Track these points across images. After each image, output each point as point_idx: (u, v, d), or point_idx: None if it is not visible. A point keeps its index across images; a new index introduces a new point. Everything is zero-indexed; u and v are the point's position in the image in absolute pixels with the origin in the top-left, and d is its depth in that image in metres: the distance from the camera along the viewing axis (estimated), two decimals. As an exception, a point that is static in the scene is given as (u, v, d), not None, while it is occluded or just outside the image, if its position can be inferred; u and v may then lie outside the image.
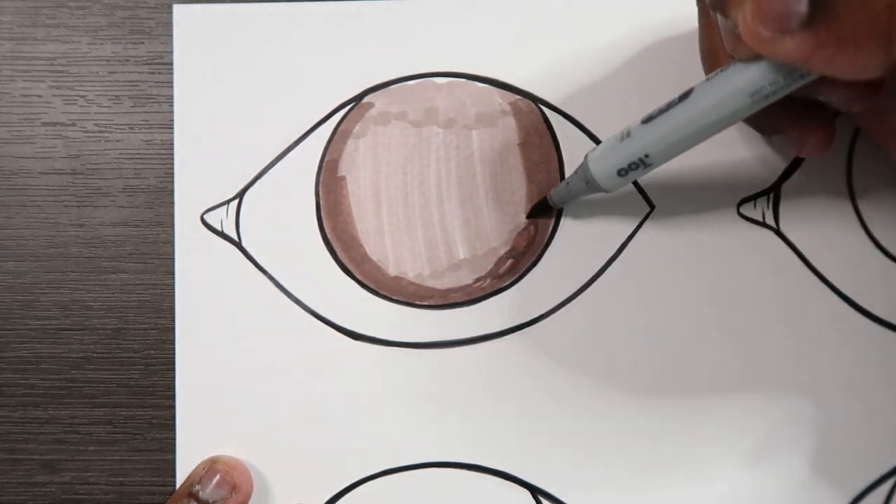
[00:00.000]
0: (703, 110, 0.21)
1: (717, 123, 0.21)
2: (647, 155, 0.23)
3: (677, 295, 0.28)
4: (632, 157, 0.23)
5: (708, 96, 0.21)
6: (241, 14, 0.29)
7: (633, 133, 0.23)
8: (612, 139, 0.24)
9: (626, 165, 0.23)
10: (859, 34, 0.17)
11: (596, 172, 0.24)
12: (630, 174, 0.24)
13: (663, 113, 0.22)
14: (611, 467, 0.28)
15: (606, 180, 0.24)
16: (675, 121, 0.22)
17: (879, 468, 0.28)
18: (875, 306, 0.28)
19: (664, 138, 0.22)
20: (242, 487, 0.27)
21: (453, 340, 0.28)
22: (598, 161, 0.24)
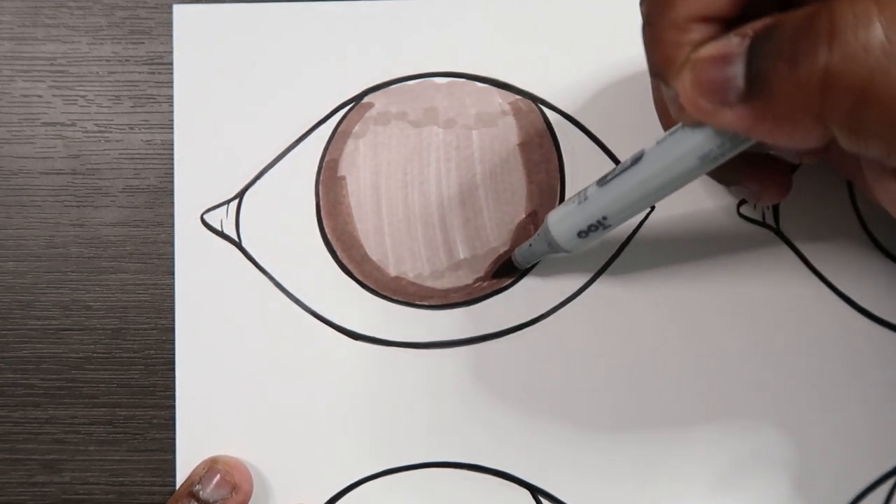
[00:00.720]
0: (654, 174, 0.21)
1: (669, 185, 0.22)
2: (605, 217, 0.23)
3: (677, 295, 0.28)
4: (590, 220, 0.23)
5: (658, 160, 0.21)
6: (241, 14, 0.29)
7: (590, 196, 0.23)
8: (571, 202, 0.24)
9: (586, 227, 0.24)
10: (794, 112, 0.17)
11: (557, 235, 0.24)
12: (591, 235, 0.24)
13: (617, 176, 0.22)
14: (611, 467, 0.28)
15: (567, 242, 0.24)
16: (628, 184, 0.22)
17: (879, 468, 0.28)
18: (875, 306, 0.28)
19: (620, 201, 0.23)
20: (243, 487, 0.27)
21: (453, 340, 0.28)
22: (558, 224, 0.24)
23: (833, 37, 0.16)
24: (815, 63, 0.16)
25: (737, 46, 0.17)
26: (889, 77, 0.15)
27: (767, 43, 0.17)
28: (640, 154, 0.22)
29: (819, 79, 0.16)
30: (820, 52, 0.16)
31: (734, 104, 0.17)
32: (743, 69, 0.17)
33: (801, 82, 0.16)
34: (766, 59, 0.17)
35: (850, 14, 0.15)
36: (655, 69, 0.20)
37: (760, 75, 0.17)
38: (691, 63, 0.18)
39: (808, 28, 0.16)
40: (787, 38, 0.16)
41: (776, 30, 0.17)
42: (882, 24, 0.15)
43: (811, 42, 0.16)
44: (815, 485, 0.28)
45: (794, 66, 0.16)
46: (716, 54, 0.17)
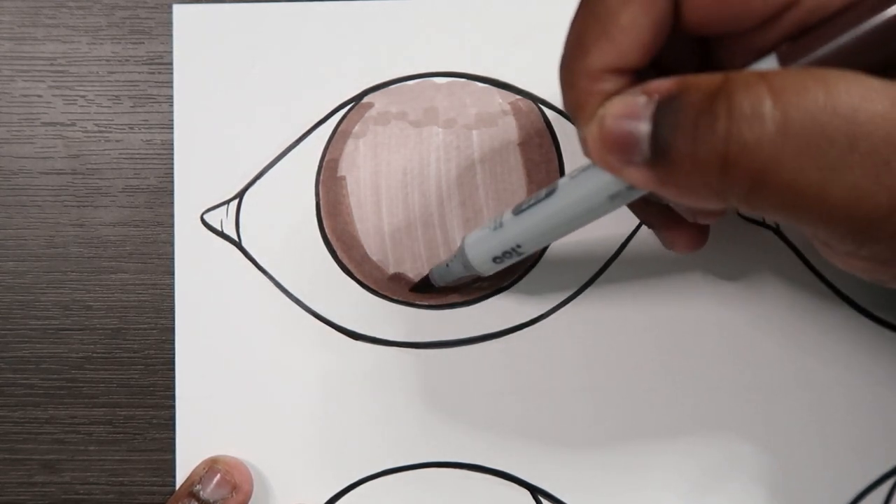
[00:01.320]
0: (566, 208, 0.22)
1: (580, 219, 0.22)
2: (520, 245, 0.24)
3: (677, 295, 0.28)
4: (505, 247, 0.24)
5: (570, 195, 0.22)
6: (241, 14, 0.29)
7: (505, 224, 0.24)
8: (486, 227, 0.25)
9: (501, 254, 0.24)
10: (695, 185, 0.17)
11: (473, 259, 0.25)
12: (505, 261, 0.25)
13: (531, 207, 0.23)
14: (611, 467, 0.28)
15: (482, 266, 0.25)
16: (541, 216, 0.23)
17: (879, 468, 0.28)
18: (875, 306, 0.28)
19: (533, 231, 0.23)
20: (243, 487, 0.27)
21: (453, 340, 0.28)
22: (474, 248, 0.25)
23: (730, 125, 0.16)
24: (714, 147, 0.16)
25: (643, 108, 0.18)
26: (782, 166, 0.16)
27: (670, 114, 0.17)
28: (554, 187, 0.22)
29: (717, 163, 0.17)
30: (717, 139, 0.16)
31: (639, 164, 0.18)
32: (648, 133, 0.17)
33: (700, 162, 0.17)
34: (668, 131, 0.17)
35: (747, 104, 0.16)
36: (568, 111, 0.20)
37: (663, 145, 0.17)
38: (598, 119, 0.19)
39: (707, 111, 0.17)
40: (689, 116, 0.17)
41: (679, 102, 0.17)
42: (775, 118, 0.16)
43: (710, 127, 0.16)
44: (816, 485, 0.28)
45: (694, 145, 0.17)
46: (622, 114, 0.18)
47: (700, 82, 0.17)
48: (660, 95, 0.17)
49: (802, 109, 0.16)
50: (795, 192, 0.16)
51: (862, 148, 0.16)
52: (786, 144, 0.16)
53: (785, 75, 0.16)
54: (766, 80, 0.16)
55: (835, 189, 0.16)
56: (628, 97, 0.18)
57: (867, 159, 0.16)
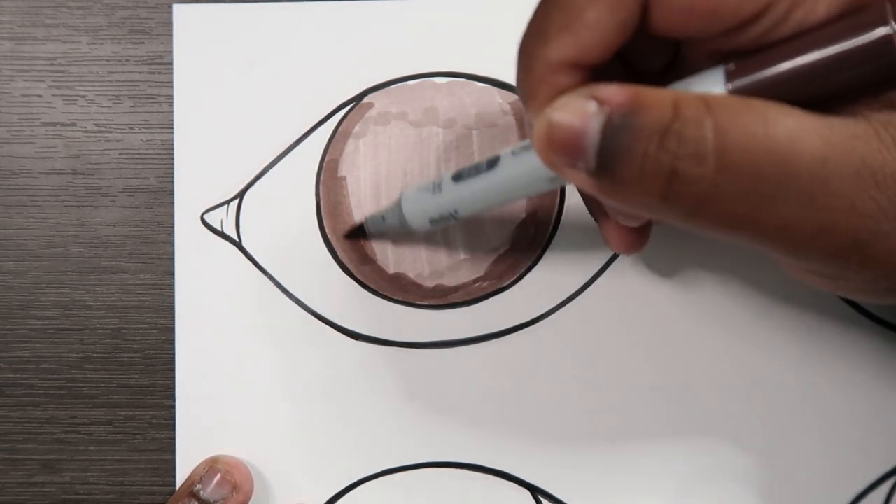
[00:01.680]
0: (506, 182, 0.22)
1: (518, 194, 0.23)
2: (456, 210, 0.24)
3: (677, 295, 0.28)
4: (442, 211, 0.24)
5: (511, 171, 0.22)
6: (241, 14, 0.29)
7: (444, 189, 0.24)
8: (425, 188, 0.25)
9: (437, 217, 0.25)
10: (635, 201, 0.18)
11: (409, 218, 0.25)
12: (441, 223, 0.25)
13: (471, 177, 0.23)
14: (611, 467, 0.28)
15: (418, 225, 0.26)
16: (481, 187, 0.23)
17: (879, 468, 0.28)
18: (875, 306, 0.28)
19: (471, 199, 0.24)
20: (243, 487, 0.27)
21: (453, 340, 0.28)
22: (411, 207, 0.25)
23: (676, 161, 0.17)
24: (658, 177, 0.17)
25: (593, 117, 0.18)
26: (718, 199, 0.17)
27: (620, 134, 0.17)
28: (496, 159, 0.23)
29: (659, 190, 0.17)
30: (662, 170, 0.17)
31: (581, 170, 0.18)
32: (596, 144, 0.18)
33: (644, 186, 0.17)
34: (616, 150, 0.17)
35: (692, 143, 0.17)
36: (519, 93, 0.20)
37: (609, 161, 0.18)
38: (547, 118, 0.19)
39: (658, 142, 0.17)
40: (639, 142, 0.17)
41: (631, 121, 0.17)
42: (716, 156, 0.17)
43: (657, 159, 0.17)
44: (816, 485, 0.28)
45: (640, 171, 0.17)
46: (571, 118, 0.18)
47: (652, 104, 0.17)
48: (611, 109, 0.18)
49: (740, 149, 0.17)
50: (729, 219, 0.18)
51: (791, 184, 0.17)
52: (723, 179, 0.17)
53: (729, 109, 0.17)
54: (711, 113, 0.17)
55: (764, 219, 0.17)
56: (580, 100, 0.18)
57: (796, 195, 0.17)
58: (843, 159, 0.17)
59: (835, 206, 0.17)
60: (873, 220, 0.17)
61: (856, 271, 0.18)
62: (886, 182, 0.17)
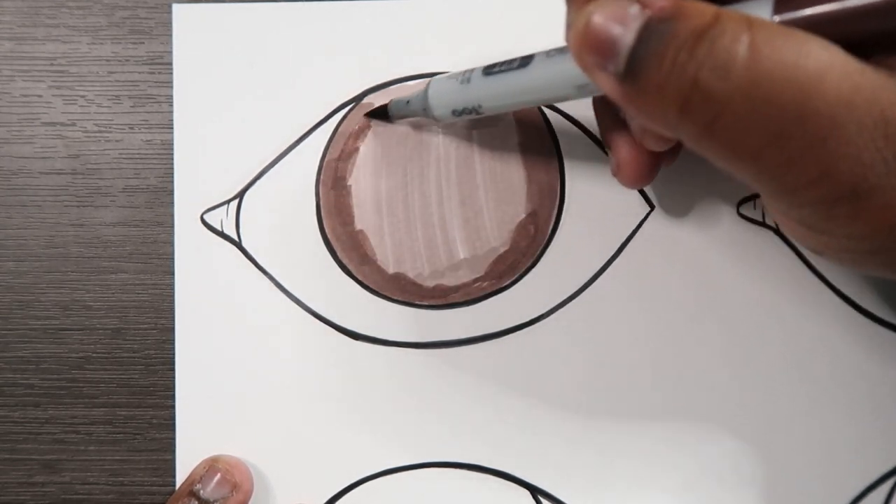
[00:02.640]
0: (535, 82, 0.22)
1: (547, 97, 0.23)
2: (481, 105, 0.24)
3: (677, 295, 0.28)
4: (467, 104, 0.24)
5: (542, 72, 0.22)
6: (241, 14, 0.29)
7: (473, 81, 0.24)
8: (454, 78, 0.25)
9: (461, 109, 0.25)
10: (656, 111, 0.18)
11: (434, 106, 0.26)
12: (464, 115, 0.25)
13: (502, 73, 0.23)
14: (611, 467, 0.28)
15: (442, 115, 0.26)
16: (511, 84, 0.23)
17: (879, 468, 0.28)
18: (875, 306, 0.28)
19: (498, 96, 0.24)
20: (243, 486, 0.27)
21: (453, 340, 0.28)
22: (437, 97, 0.25)
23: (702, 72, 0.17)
24: (681, 86, 0.17)
25: (632, 19, 0.18)
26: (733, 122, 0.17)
27: (655, 38, 0.17)
28: (530, 59, 0.23)
29: (679, 101, 0.17)
30: (686, 80, 0.17)
31: (610, 73, 0.18)
32: (629, 46, 0.18)
33: (665, 95, 0.17)
34: (647, 55, 0.17)
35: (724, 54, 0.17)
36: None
37: (637, 66, 0.18)
38: (587, 14, 0.18)
39: (688, 50, 0.17)
40: (671, 48, 0.17)
41: (667, 29, 0.17)
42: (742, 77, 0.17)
43: (684, 67, 0.17)
44: (816, 484, 0.28)
45: (665, 77, 0.17)
46: (611, 18, 0.18)
47: (693, 13, 0.17)
48: (652, 13, 0.17)
49: (768, 75, 0.16)
50: (737, 147, 0.17)
51: (807, 123, 0.17)
52: (741, 102, 0.17)
53: (771, 33, 0.17)
54: (751, 31, 0.17)
55: (770, 155, 0.17)
56: (622, 1, 0.18)
57: (807, 133, 0.17)
58: (864, 106, 0.17)
59: (841, 153, 0.17)
60: (874, 172, 0.17)
61: (844, 224, 0.18)
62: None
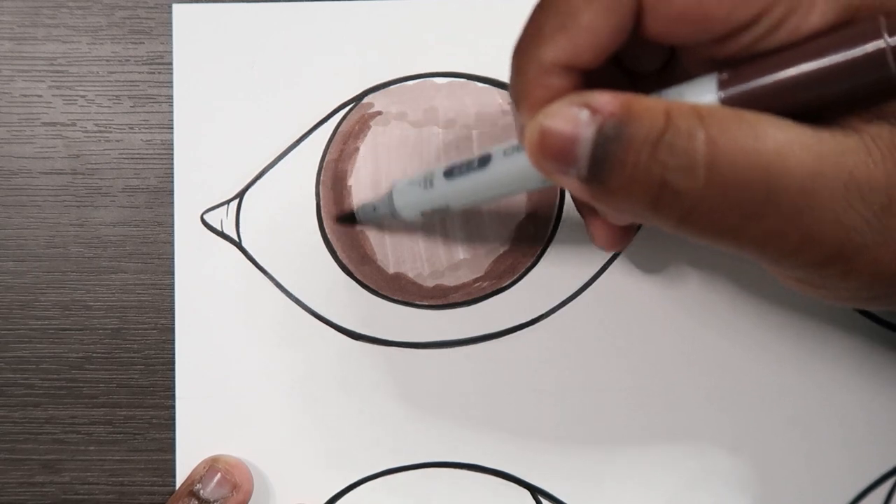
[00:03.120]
0: (498, 180, 0.23)
1: (509, 192, 0.24)
2: (448, 205, 0.24)
3: (677, 295, 0.28)
4: (434, 205, 0.25)
5: (503, 169, 0.22)
6: (241, 14, 0.29)
7: (436, 184, 0.24)
8: (416, 182, 0.25)
9: (430, 210, 0.25)
10: (624, 210, 0.19)
11: (401, 210, 0.26)
12: (433, 216, 0.26)
13: (463, 175, 0.23)
14: (611, 467, 0.28)
15: (409, 216, 0.26)
16: (472, 184, 0.23)
17: (879, 468, 0.28)
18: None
19: (462, 195, 0.24)
20: (243, 486, 0.27)
21: (453, 340, 0.28)
22: (402, 199, 0.26)
23: (667, 173, 0.17)
24: (649, 187, 0.17)
25: (585, 125, 0.18)
26: (706, 211, 0.17)
27: (612, 142, 0.18)
28: (488, 158, 0.23)
29: (649, 200, 0.18)
30: (653, 181, 0.17)
31: (572, 177, 0.18)
32: (587, 152, 0.18)
33: (634, 195, 0.18)
34: (607, 157, 0.18)
35: (684, 156, 0.17)
36: (512, 95, 0.21)
37: (600, 170, 0.18)
38: (539, 125, 0.19)
39: (649, 153, 0.17)
40: (630, 153, 0.17)
41: (623, 131, 0.17)
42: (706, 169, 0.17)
43: (648, 170, 0.17)
44: (816, 484, 0.28)
45: (630, 180, 0.18)
46: (563, 125, 0.18)
47: (644, 114, 0.17)
48: (603, 118, 0.18)
49: (730, 164, 0.17)
50: (716, 230, 0.18)
51: (778, 198, 0.17)
52: (712, 194, 0.17)
53: (721, 121, 0.17)
54: (704, 125, 0.17)
55: (750, 230, 0.18)
56: (572, 108, 0.18)
57: (781, 209, 0.17)
58: (832, 173, 0.17)
59: (820, 219, 0.17)
60: (857, 232, 0.17)
61: (839, 280, 0.19)
62: (872, 196, 0.17)
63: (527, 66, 0.20)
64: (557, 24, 0.19)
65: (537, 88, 0.19)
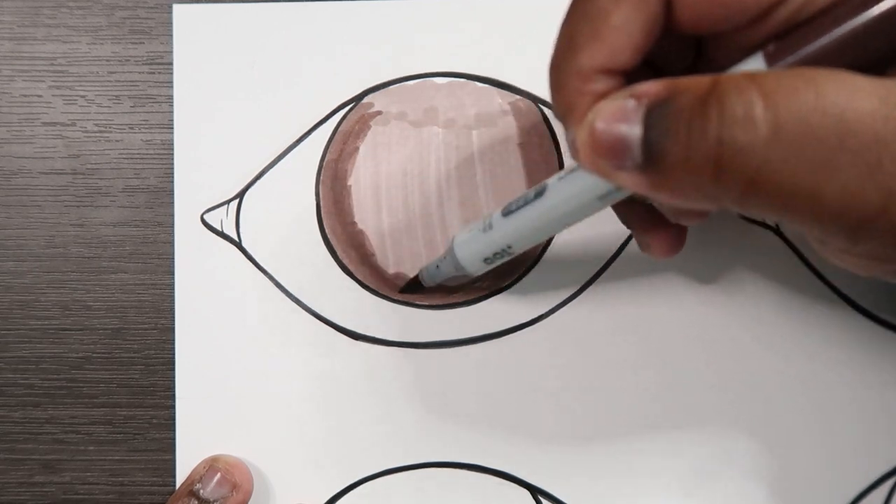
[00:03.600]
0: (555, 209, 0.22)
1: (570, 219, 0.22)
2: (510, 245, 0.24)
3: (677, 295, 0.28)
4: (495, 248, 0.24)
5: (559, 196, 0.22)
6: (241, 14, 0.29)
7: (495, 226, 0.24)
8: (476, 228, 0.25)
9: (491, 255, 0.24)
10: (688, 188, 0.17)
11: (463, 260, 0.25)
12: (496, 261, 0.25)
13: (520, 209, 0.23)
14: (611, 467, 0.28)
15: (473, 267, 0.25)
16: (531, 217, 0.23)
17: (879, 468, 0.28)
18: (875, 306, 0.28)
19: (523, 232, 0.23)
20: (243, 486, 0.27)
21: (453, 340, 0.28)
22: (463, 249, 0.25)
23: (722, 128, 0.16)
24: (706, 151, 0.17)
25: (633, 112, 0.17)
26: (774, 168, 0.16)
27: (661, 119, 0.17)
28: (543, 188, 0.22)
29: (710, 167, 0.17)
30: (710, 143, 0.16)
31: (630, 169, 0.18)
32: (639, 137, 0.17)
33: (693, 166, 0.17)
34: (660, 136, 0.17)
35: (738, 107, 0.16)
36: (557, 113, 0.20)
37: (655, 149, 0.17)
38: (588, 124, 0.18)
39: (699, 115, 0.17)
40: (680, 120, 0.17)
41: (669, 106, 0.17)
42: (767, 120, 0.16)
43: (702, 131, 0.17)
44: (816, 484, 0.28)
45: (686, 149, 0.17)
46: (612, 119, 0.18)
47: (689, 85, 0.17)
48: (649, 99, 0.17)
49: (793, 111, 0.16)
50: (788, 193, 0.16)
51: (852, 147, 0.16)
52: (778, 147, 0.16)
53: (774, 77, 0.16)
54: (755, 82, 0.16)
55: (826, 189, 0.16)
56: (617, 101, 0.18)
57: (857, 159, 0.16)
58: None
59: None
60: None
61: None
62: None
63: (566, 80, 0.20)
64: (589, 31, 0.19)
65: (581, 98, 0.19)
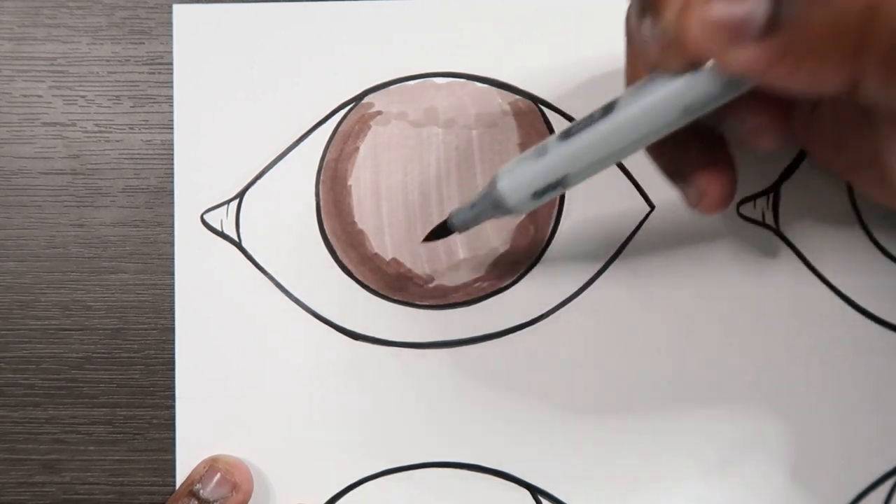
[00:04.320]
0: (628, 126, 0.19)
1: (644, 139, 0.19)
2: (566, 175, 0.20)
3: (677, 295, 0.28)
4: (549, 178, 0.21)
5: (635, 111, 0.19)
6: (241, 14, 0.29)
7: (551, 150, 0.20)
8: (526, 156, 0.21)
9: (543, 187, 0.21)
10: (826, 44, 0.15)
11: (508, 196, 0.21)
12: (545, 196, 0.21)
13: (584, 129, 0.20)
14: (611, 467, 0.28)
15: (519, 202, 0.21)
16: (597, 137, 0.20)
17: (879, 468, 0.28)
18: (875, 306, 0.28)
19: (585, 157, 0.20)
20: (243, 486, 0.27)
21: (453, 340, 0.28)
22: (510, 182, 0.21)
23: None
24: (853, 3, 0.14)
25: None
26: None
27: None
28: (613, 103, 0.19)
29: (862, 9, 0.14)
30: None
31: (750, 41, 0.16)
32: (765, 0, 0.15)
33: (841, 13, 0.15)
34: None
35: None
36: (637, 8, 0.18)
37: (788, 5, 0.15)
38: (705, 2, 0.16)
39: None
40: None
41: None
42: None
43: None
44: (816, 484, 0.28)
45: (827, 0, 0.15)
46: None
47: None
48: None
49: None
50: None
51: None
52: None
53: None
54: None
55: None
56: None
57: None
58: None
59: None
60: None
61: None
62: None
63: None
64: None
65: None
